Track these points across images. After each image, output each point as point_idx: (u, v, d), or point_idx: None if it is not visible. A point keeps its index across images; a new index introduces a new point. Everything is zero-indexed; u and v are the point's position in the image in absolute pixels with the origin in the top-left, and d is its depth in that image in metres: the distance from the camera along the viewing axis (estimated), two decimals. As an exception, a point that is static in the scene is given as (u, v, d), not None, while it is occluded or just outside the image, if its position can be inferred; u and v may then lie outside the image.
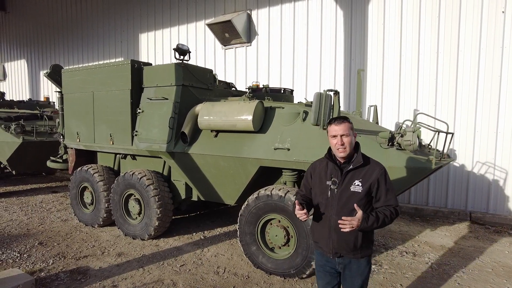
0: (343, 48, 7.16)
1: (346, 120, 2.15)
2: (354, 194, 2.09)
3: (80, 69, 5.29)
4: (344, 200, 2.11)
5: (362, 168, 2.12)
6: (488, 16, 5.84)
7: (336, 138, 2.12)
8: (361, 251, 2.15)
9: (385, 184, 2.10)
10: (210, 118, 4.13)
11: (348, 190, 2.10)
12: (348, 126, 2.13)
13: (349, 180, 2.12)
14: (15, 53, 14.70)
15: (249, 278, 3.73)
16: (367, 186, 2.08)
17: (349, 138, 2.11)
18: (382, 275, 3.85)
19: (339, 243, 2.14)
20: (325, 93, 3.24)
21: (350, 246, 2.13)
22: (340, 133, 2.11)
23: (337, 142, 2.11)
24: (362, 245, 2.13)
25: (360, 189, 2.08)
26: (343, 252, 2.17)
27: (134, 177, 4.72)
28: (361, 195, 2.08)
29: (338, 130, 2.12)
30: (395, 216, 2.08)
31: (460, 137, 6.13)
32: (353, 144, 2.14)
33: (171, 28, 9.79)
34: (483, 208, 6.08)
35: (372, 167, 2.13)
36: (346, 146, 2.10)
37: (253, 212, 3.80)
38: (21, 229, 5.30)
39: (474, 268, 4.09)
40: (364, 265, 2.19)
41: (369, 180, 2.09)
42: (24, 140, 6.87)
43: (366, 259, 2.20)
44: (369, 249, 2.20)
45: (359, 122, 4.45)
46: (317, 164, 2.31)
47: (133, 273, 3.83)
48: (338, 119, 2.17)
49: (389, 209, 2.06)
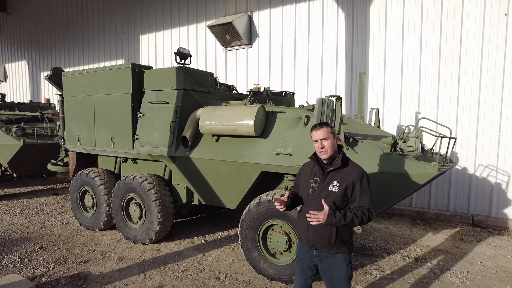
0: (345, 50, 7.14)
1: (325, 125, 2.36)
2: (331, 193, 2.27)
3: (81, 73, 5.28)
4: (322, 197, 2.27)
5: (342, 170, 2.31)
6: (491, 19, 5.81)
7: (318, 143, 2.33)
8: (336, 248, 2.30)
9: (360, 186, 2.24)
10: (211, 123, 4.11)
11: (327, 189, 2.29)
12: (327, 130, 2.33)
13: (329, 180, 2.31)
14: (15, 54, 14.70)
15: (251, 284, 3.71)
16: (343, 187, 2.25)
17: (328, 141, 2.31)
18: (384, 280, 3.83)
19: (313, 237, 2.34)
20: (327, 99, 3.22)
21: (324, 240, 2.30)
22: (320, 138, 2.32)
23: (318, 146, 2.34)
24: (336, 241, 2.28)
25: (336, 189, 2.26)
26: (318, 245, 2.35)
27: (135, 181, 4.71)
28: (337, 194, 2.26)
29: (318, 135, 2.33)
30: (367, 218, 2.19)
31: (463, 140, 6.10)
32: (334, 146, 2.34)
33: (171, 29, 9.77)
34: (486, 212, 6.06)
35: (350, 170, 2.30)
36: (327, 148, 2.31)
37: (255, 218, 3.78)
38: (21, 233, 5.29)
39: (476, 273, 4.06)
40: (340, 261, 2.32)
41: (346, 182, 2.26)
42: (25, 143, 6.85)
43: (343, 256, 2.32)
44: (344, 247, 2.32)
45: (360, 126, 4.43)
46: (307, 164, 2.57)
47: (134, 278, 3.81)
48: (318, 125, 2.39)
49: (361, 210, 2.19)
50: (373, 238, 5.21)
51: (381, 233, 5.49)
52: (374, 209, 2.23)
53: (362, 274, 3.97)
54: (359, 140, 3.47)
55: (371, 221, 6.05)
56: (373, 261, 4.34)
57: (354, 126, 4.14)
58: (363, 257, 4.46)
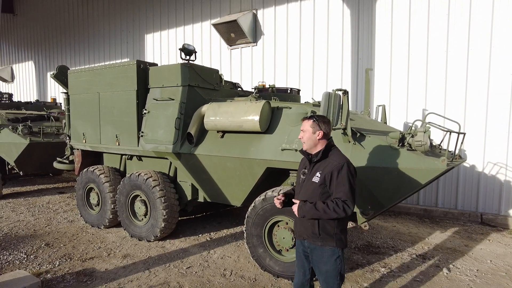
0: (350, 47, 7.07)
1: (312, 119, 2.40)
2: (313, 184, 2.33)
3: (86, 70, 5.29)
4: (306, 188, 2.37)
5: (324, 161, 2.34)
6: (500, 13, 5.71)
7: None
8: (322, 240, 2.32)
9: (336, 177, 2.25)
10: (216, 119, 4.08)
11: (311, 180, 2.35)
12: (308, 123, 2.39)
13: (313, 171, 2.37)
14: (23, 55, 14.85)
15: (256, 281, 3.67)
16: (322, 178, 2.29)
17: (306, 134, 2.38)
18: (391, 278, 3.77)
19: (299, 227, 2.44)
20: (334, 93, 3.17)
21: (308, 231, 2.36)
22: (301, 129, 2.44)
23: (300, 136, 2.45)
24: (320, 233, 2.30)
25: (317, 180, 2.31)
26: (304, 235, 2.41)
27: (140, 178, 4.70)
28: (316, 185, 2.31)
29: (302, 126, 2.44)
30: (342, 210, 2.18)
31: (471, 137, 6.00)
32: (312, 141, 2.37)
33: (176, 28, 9.78)
34: (495, 210, 5.95)
35: (331, 161, 2.32)
36: (304, 140, 2.40)
37: (260, 214, 3.75)
38: (28, 230, 5.31)
39: (487, 271, 3.98)
40: (328, 255, 2.32)
41: (324, 173, 2.29)
42: (31, 141, 6.90)
43: (330, 250, 2.32)
44: (331, 240, 2.31)
45: (367, 121, 4.37)
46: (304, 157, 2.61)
47: (139, 275, 3.80)
48: (306, 117, 2.46)
49: (335, 201, 2.21)
50: (380, 236, 5.14)
51: (388, 231, 5.42)
52: (350, 201, 2.21)
53: (369, 271, 3.91)
54: (366, 135, 3.42)
55: (375, 218, 5.97)
56: (380, 259, 4.27)
57: (361, 122, 4.08)
58: (370, 255, 4.40)
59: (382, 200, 3.37)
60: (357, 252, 4.48)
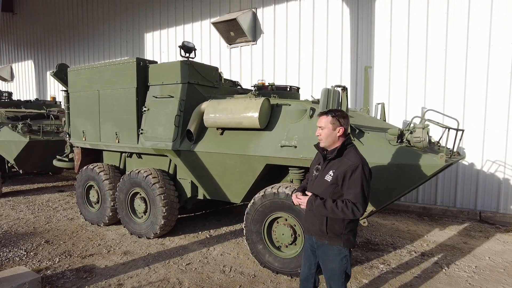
0: (350, 45, 7.09)
1: (330, 114, 2.28)
2: (324, 182, 2.26)
3: (86, 68, 5.29)
4: (318, 185, 2.31)
5: (340, 159, 2.25)
6: (498, 11, 5.73)
7: (318, 130, 2.33)
8: (329, 239, 2.28)
9: (349, 178, 2.17)
10: (216, 116, 4.09)
11: (323, 178, 2.28)
12: (326, 119, 2.26)
13: (327, 169, 2.29)
14: (22, 54, 14.84)
15: (256, 277, 3.69)
16: (334, 177, 2.22)
17: (325, 131, 2.27)
18: (390, 274, 3.78)
19: (307, 223, 2.41)
20: (333, 89, 3.18)
21: (315, 227, 2.32)
22: (318, 125, 2.32)
23: (317, 133, 2.33)
24: (328, 231, 2.26)
25: (329, 179, 2.24)
26: (311, 231, 2.39)
27: (139, 176, 4.71)
28: (328, 184, 2.24)
29: (318, 122, 2.33)
30: (350, 211, 2.12)
31: (469, 135, 6.02)
32: (331, 138, 2.27)
33: (176, 27, 9.79)
34: (493, 208, 5.97)
35: (346, 161, 2.22)
36: (322, 138, 2.29)
37: (260, 211, 3.76)
38: (28, 228, 5.32)
39: (485, 268, 4.00)
40: (334, 253, 2.29)
41: (337, 172, 2.21)
42: (31, 139, 6.90)
43: (337, 249, 2.28)
44: (338, 240, 2.27)
45: (366, 118, 4.38)
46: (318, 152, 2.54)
47: (139, 271, 3.81)
48: (324, 112, 2.34)
49: (345, 201, 2.15)
50: (379, 233, 5.16)
51: (387, 228, 5.44)
52: (361, 204, 2.11)
53: (368, 268, 3.93)
54: (365, 132, 3.44)
55: (374, 215, 5.99)
56: (379, 256, 4.29)
57: (360, 119, 4.10)
58: (369, 252, 4.41)
59: (381, 196, 3.38)
60: (356, 249, 4.50)
